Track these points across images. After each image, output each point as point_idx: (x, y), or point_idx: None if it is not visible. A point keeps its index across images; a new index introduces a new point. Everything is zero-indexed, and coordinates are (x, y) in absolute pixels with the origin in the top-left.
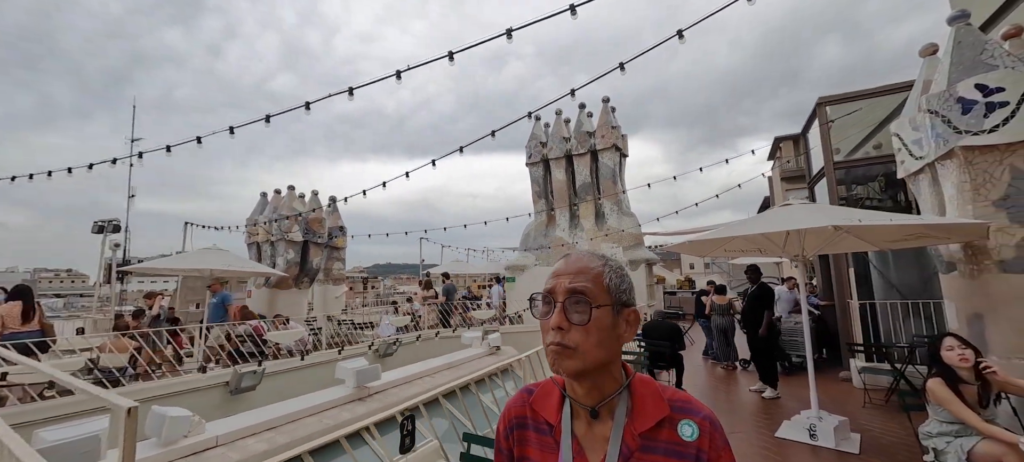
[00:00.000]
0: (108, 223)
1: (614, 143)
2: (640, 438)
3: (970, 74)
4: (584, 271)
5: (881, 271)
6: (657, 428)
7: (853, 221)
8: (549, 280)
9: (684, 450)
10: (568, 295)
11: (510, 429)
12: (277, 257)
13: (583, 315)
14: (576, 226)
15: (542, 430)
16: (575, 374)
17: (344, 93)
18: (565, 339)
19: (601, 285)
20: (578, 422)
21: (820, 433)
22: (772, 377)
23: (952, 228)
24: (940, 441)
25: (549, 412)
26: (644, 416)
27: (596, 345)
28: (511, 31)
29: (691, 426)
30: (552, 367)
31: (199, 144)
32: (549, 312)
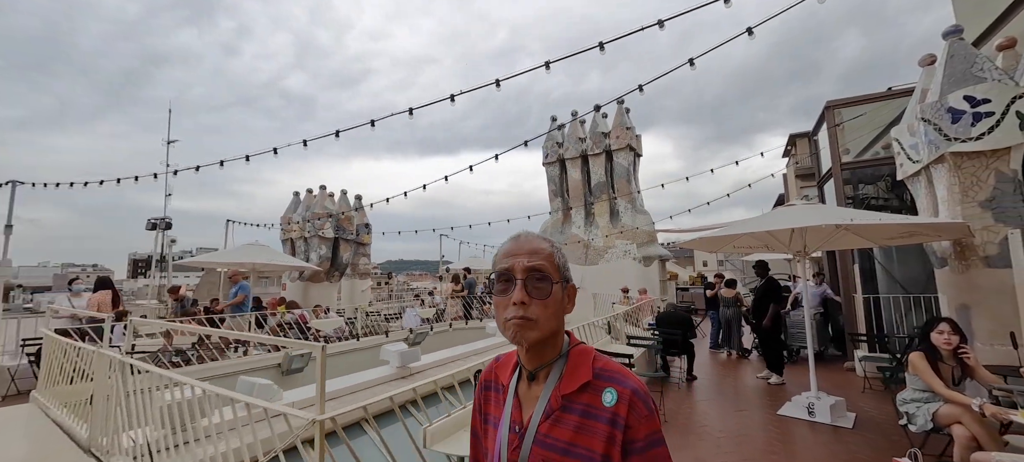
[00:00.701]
0: (161, 221)
1: (628, 143)
2: (563, 399)
3: (960, 86)
4: (538, 251)
5: (885, 267)
6: (580, 391)
7: (846, 220)
8: (504, 260)
9: (599, 413)
10: (527, 273)
11: (482, 389)
12: (310, 253)
13: (544, 291)
14: (591, 223)
15: (498, 390)
16: (534, 343)
17: (405, 112)
18: (527, 313)
19: (553, 263)
20: (523, 383)
21: (817, 411)
22: (778, 365)
23: (938, 227)
24: (912, 406)
25: (505, 376)
26: (571, 380)
27: (552, 316)
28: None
29: (612, 393)
30: (513, 339)
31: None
32: (507, 290)
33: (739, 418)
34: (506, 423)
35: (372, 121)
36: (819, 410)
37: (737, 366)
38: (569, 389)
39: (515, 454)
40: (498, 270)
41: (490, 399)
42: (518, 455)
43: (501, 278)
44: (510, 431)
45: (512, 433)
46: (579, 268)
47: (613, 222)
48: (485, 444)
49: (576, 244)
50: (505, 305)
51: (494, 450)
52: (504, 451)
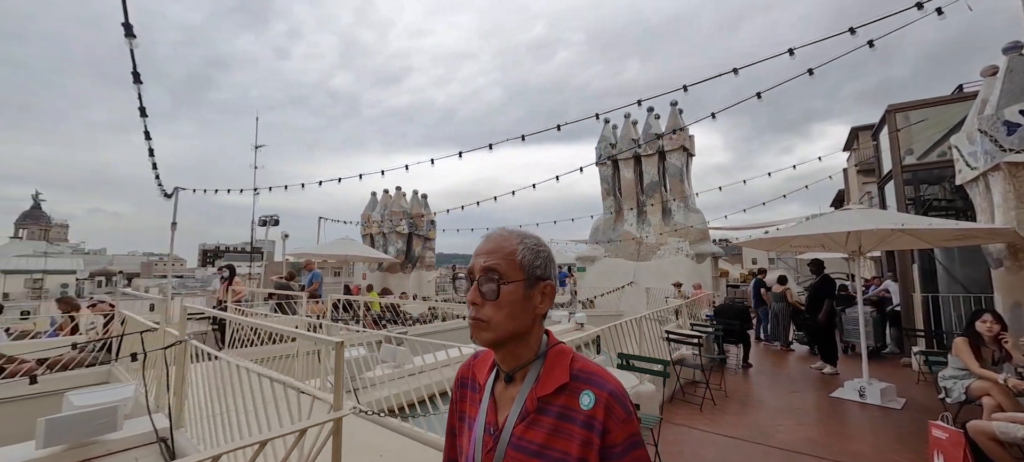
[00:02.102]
0: (270, 218)
1: (681, 144)
2: (539, 400)
3: (1017, 101)
4: (497, 250)
5: (946, 267)
6: (557, 394)
7: (897, 225)
8: (473, 259)
9: (575, 416)
10: (482, 273)
11: (458, 386)
12: (388, 247)
13: (493, 291)
14: (644, 222)
15: (475, 389)
16: (489, 344)
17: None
18: (479, 313)
19: (514, 262)
20: (499, 384)
21: (868, 394)
22: (832, 356)
23: (988, 231)
24: (950, 382)
25: (482, 375)
26: (547, 382)
27: (507, 318)
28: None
29: (589, 396)
30: (471, 338)
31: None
32: (469, 288)
33: (793, 398)
34: (481, 424)
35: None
36: (870, 394)
37: (787, 357)
38: (545, 391)
39: (489, 457)
40: (467, 268)
41: (466, 397)
42: (492, 457)
43: (467, 277)
44: (485, 433)
45: (487, 435)
46: (631, 263)
47: (665, 221)
48: (460, 443)
49: (629, 241)
50: (469, 303)
51: (468, 451)
52: (478, 453)
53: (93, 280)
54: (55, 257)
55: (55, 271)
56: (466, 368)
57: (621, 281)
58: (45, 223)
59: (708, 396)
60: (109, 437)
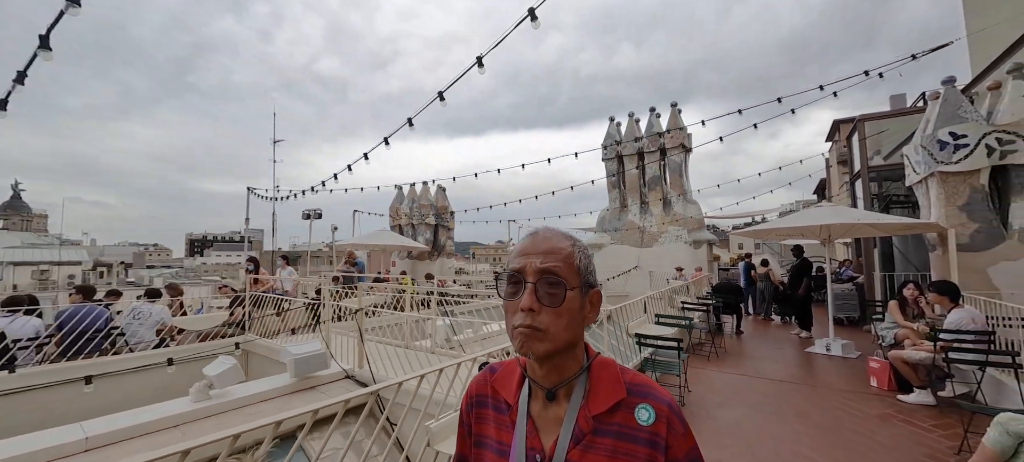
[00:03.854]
0: (313, 212)
1: (681, 142)
2: (594, 420)
3: (948, 124)
4: (555, 251)
5: (902, 252)
6: (612, 411)
7: (853, 220)
8: (517, 259)
9: (637, 434)
10: (539, 276)
11: (471, 406)
12: (417, 236)
13: (556, 297)
14: (646, 212)
15: (501, 409)
16: (544, 356)
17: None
18: (535, 321)
19: (572, 266)
20: (535, 403)
21: (833, 348)
22: (808, 323)
23: (917, 225)
24: (884, 331)
25: (509, 392)
26: (600, 398)
27: (565, 328)
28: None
29: (648, 410)
30: (519, 350)
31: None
32: (517, 293)
33: (777, 352)
34: (520, 451)
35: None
36: (834, 348)
37: (772, 326)
38: (600, 408)
39: None
40: (509, 270)
41: (486, 418)
42: None
43: (511, 279)
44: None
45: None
46: (635, 250)
47: (666, 211)
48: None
49: (633, 229)
50: (513, 310)
51: None
52: None
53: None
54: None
55: (64, 262)
56: (481, 385)
57: (626, 266)
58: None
59: (713, 351)
60: (321, 373)
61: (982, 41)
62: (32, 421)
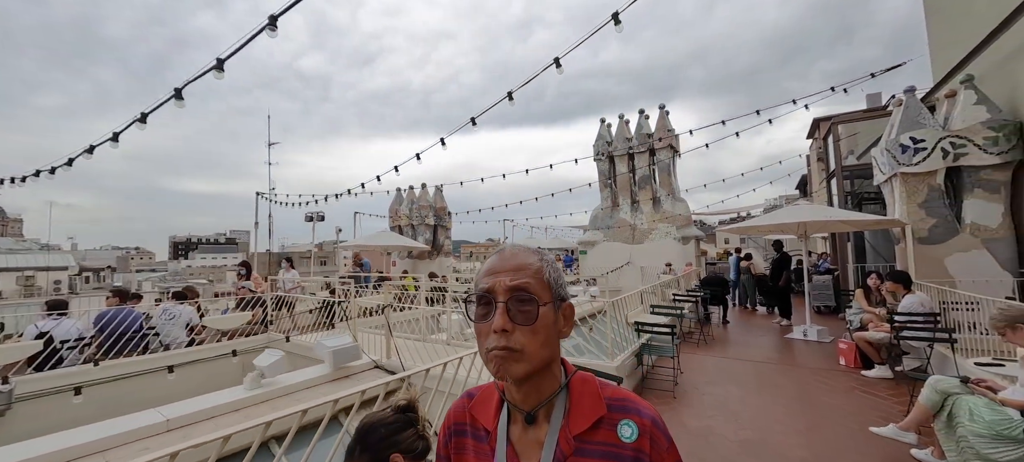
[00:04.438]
0: (315, 214)
1: (669, 143)
2: (575, 440)
3: (908, 130)
4: (524, 267)
5: (872, 245)
6: (594, 429)
7: (822, 217)
8: (485, 279)
9: (621, 452)
10: (510, 294)
11: (449, 436)
12: (418, 236)
13: (529, 315)
14: (637, 210)
15: (480, 437)
16: (522, 378)
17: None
18: (510, 342)
19: (542, 281)
20: (514, 427)
21: (809, 334)
22: (788, 312)
23: (880, 221)
24: (852, 316)
25: (487, 418)
26: (580, 417)
27: (542, 345)
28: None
29: (631, 426)
30: (495, 374)
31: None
32: (488, 314)
33: (760, 339)
34: None
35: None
36: (810, 333)
37: (755, 315)
38: (581, 427)
39: None
40: (478, 291)
41: (465, 447)
42: None
43: (481, 301)
44: None
45: None
46: (627, 247)
47: (656, 209)
48: None
49: (625, 227)
50: (486, 333)
51: None
52: None
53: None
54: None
55: (51, 268)
56: (459, 412)
57: (618, 262)
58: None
59: (702, 338)
60: (353, 364)
61: (943, 49)
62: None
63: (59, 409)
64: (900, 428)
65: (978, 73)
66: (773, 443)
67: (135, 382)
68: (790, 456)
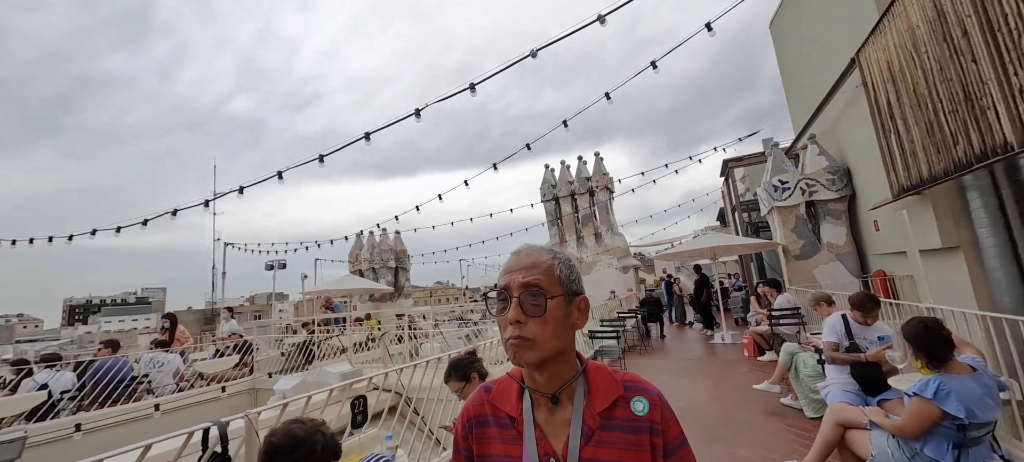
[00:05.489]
0: (277, 262)
1: (605, 186)
2: (599, 417)
3: (777, 174)
4: (535, 265)
5: (770, 264)
6: (613, 407)
7: (726, 243)
8: (502, 277)
9: (638, 424)
10: (522, 289)
11: (469, 428)
12: (380, 279)
13: (539, 307)
14: (582, 244)
15: (504, 424)
16: (536, 364)
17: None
18: (523, 332)
19: (553, 277)
20: (539, 411)
21: (726, 338)
22: (711, 323)
23: (762, 244)
24: (751, 318)
25: (509, 406)
26: (600, 397)
27: (552, 335)
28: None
29: (642, 402)
30: (513, 360)
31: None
32: (505, 308)
33: (689, 346)
34: (534, 457)
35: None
36: (726, 338)
37: (686, 330)
38: (602, 406)
39: None
40: (497, 288)
41: (489, 437)
42: None
43: (499, 296)
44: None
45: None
46: None
47: (598, 243)
48: None
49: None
50: (505, 324)
51: None
52: None
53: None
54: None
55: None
56: (478, 405)
57: None
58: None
59: (642, 349)
60: (358, 386)
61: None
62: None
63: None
64: (770, 382)
65: (819, 132)
66: (696, 407)
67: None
68: (706, 411)
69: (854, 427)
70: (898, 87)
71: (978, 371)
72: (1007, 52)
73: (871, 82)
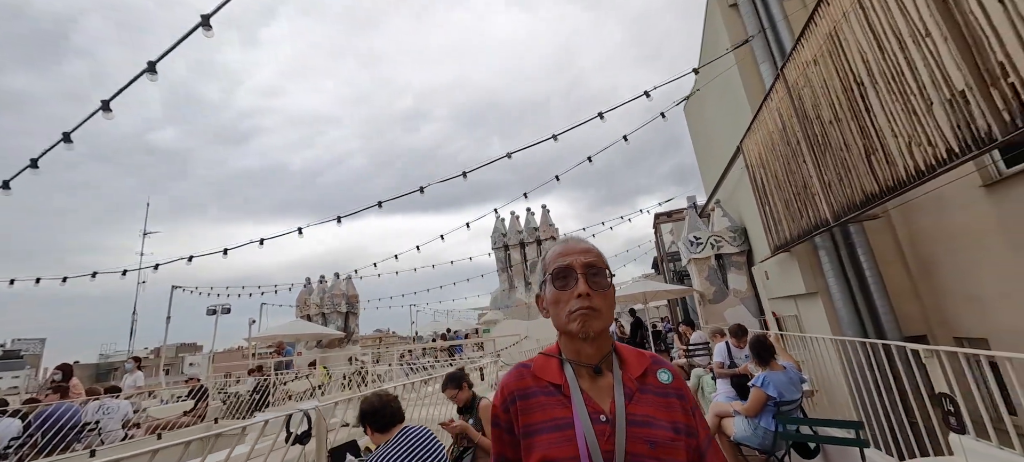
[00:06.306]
0: (220, 307)
1: (551, 235)
2: (635, 382)
3: (692, 231)
4: (590, 250)
5: (693, 307)
6: (644, 376)
7: (648, 289)
8: (561, 258)
9: (668, 390)
10: (586, 268)
11: (510, 401)
12: (329, 324)
13: (602, 283)
14: (529, 290)
15: (549, 392)
16: (598, 332)
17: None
18: (592, 303)
19: (603, 262)
20: (582, 380)
21: None
22: None
23: (681, 290)
24: (674, 352)
25: (552, 376)
26: (634, 366)
27: (610, 309)
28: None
29: (667, 373)
30: (580, 329)
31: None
32: (568, 285)
33: None
34: (584, 417)
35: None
36: None
37: None
38: (637, 373)
39: (609, 443)
40: (556, 268)
41: (533, 407)
42: (613, 443)
43: (559, 275)
44: (595, 423)
45: (599, 424)
46: (524, 323)
47: None
48: (545, 454)
49: (521, 306)
50: (567, 299)
51: (573, 450)
52: (594, 442)
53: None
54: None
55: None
56: (518, 379)
57: (518, 336)
58: None
59: None
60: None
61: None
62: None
63: None
64: None
65: (723, 197)
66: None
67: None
68: None
69: (726, 416)
70: (767, 172)
71: (787, 369)
72: (820, 159)
73: (750, 165)
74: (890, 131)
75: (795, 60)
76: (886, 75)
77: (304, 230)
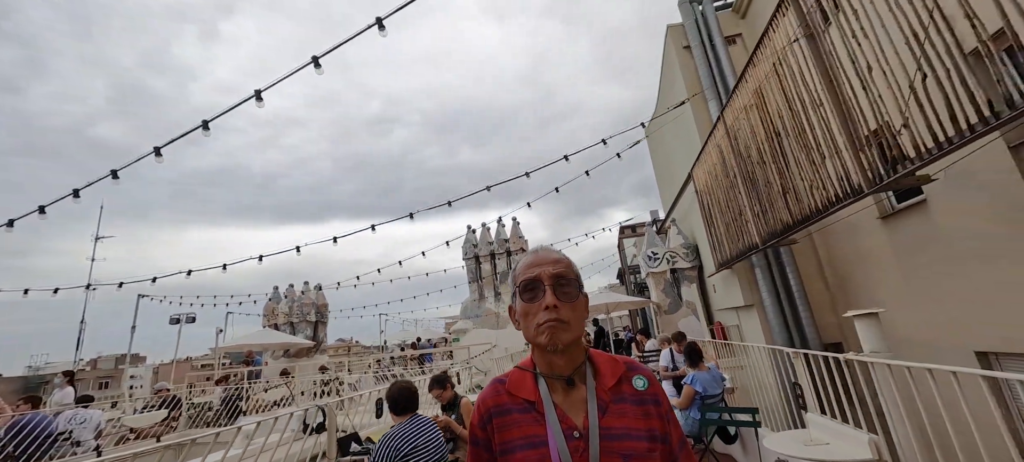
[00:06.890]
0: (184, 316)
1: (521, 247)
2: (610, 392)
3: (650, 247)
4: (560, 261)
5: (651, 317)
6: (618, 384)
7: (610, 300)
8: (529, 270)
9: (644, 396)
10: (554, 280)
11: (487, 419)
12: (298, 333)
13: (570, 294)
14: (500, 301)
15: (523, 409)
16: (567, 345)
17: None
18: (560, 315)
19: (573, 272)
20: (555, 394)
21: None
22: None
23: (641, 302)
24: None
25: (526, 392)
26: (608, 375)
27: (579, 320)
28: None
29: (642, 379)
30: (548, 342)
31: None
32: (536, 297)
33: None
34: (558, 434)
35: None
36: None
37: None
38: (611, 382)
39: (583, 458)
40: (524, 280)
41: (510, 424)
42: (586, 458)
43: (528, 287)
44: (569, 440)
45: (573, 440)
46: (494, 332)
47: None
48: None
49: (491, 315)
50: (536, 311)
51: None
52: (569, 459)
53: None
54: None
55: None
56: (495, 396)
57: (487, 345)
58: None
59: None
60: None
61: (665, 199)
62: None
63: None
64: None
65: (678, 216)
66: None
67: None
68: None
69: None
70: (712, 198)
71: (711, 369)
72: (750, 192)
73: (699, 191)
74: (799, 175)
75: (733, 106)
76: (796, 130)
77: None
